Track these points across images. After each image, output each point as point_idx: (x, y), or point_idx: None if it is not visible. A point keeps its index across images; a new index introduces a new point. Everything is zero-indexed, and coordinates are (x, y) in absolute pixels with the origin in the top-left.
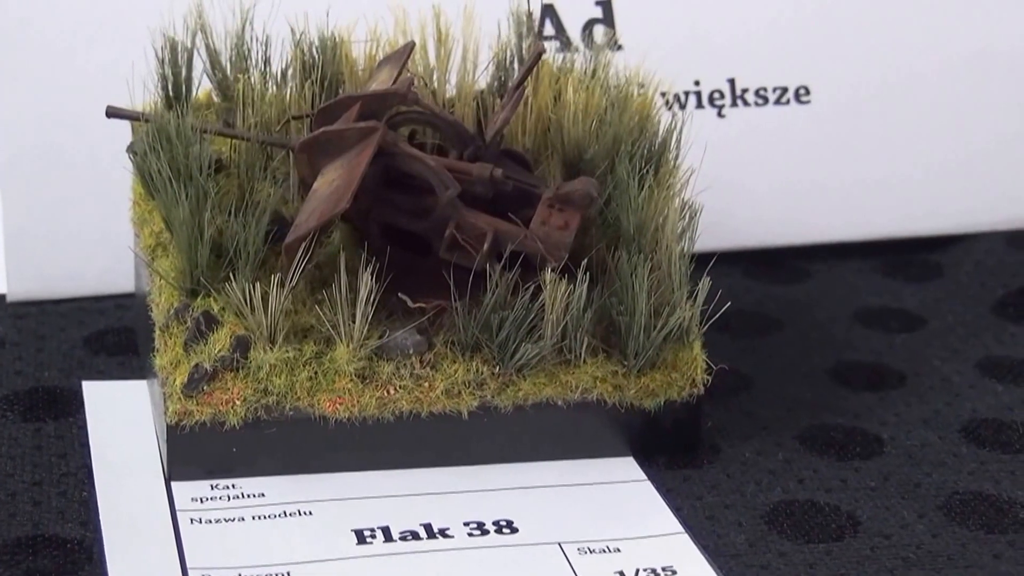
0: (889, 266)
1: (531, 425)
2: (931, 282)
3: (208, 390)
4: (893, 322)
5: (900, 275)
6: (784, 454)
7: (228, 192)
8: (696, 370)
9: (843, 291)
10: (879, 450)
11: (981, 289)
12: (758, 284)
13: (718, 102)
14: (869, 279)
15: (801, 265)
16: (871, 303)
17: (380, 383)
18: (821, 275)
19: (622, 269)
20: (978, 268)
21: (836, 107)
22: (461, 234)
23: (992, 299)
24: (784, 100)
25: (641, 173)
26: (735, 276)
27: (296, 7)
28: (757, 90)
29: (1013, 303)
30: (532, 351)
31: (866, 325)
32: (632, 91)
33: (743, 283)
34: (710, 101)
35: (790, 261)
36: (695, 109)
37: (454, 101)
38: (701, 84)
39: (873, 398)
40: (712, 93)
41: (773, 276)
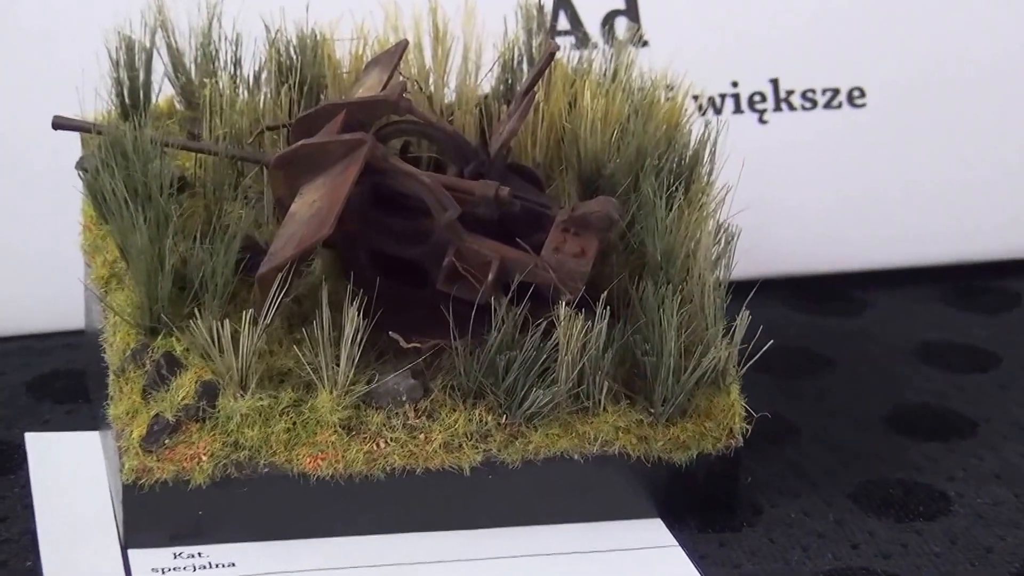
0: (957, 295)
1: (543, 483)
2: (1006, 313)
3: (170, 444)
4: (961, 360)
5: (969, 305)
6: (835, 514)
7: (193, 215)
8: (733, 418)
9: (903, 324)
10: (945, 509)
11: None
12: (805, 317)
13: (759, 106)
14: (933, 310)
15: (855, 294)
16: (936, 338)
17: (369, 435)
18: (878, 306)
19: (648, 302)
20: None
21: (896, 111)
22: (462, 263)
23: None
24: (835, 103)
25: (669, 191)
26: (779, 308)
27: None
28: (804, 92)
29: None
30: (544, 398)
31: (930, 363)
32: (659, 95)
33: (788, 316)
34: (750, 105)
35: (842, 290)
36: (733, 114)
37: (454, 108)
38: (740, 85)
39: (938, 449)
40: (752, 96)
41: (823, 307)
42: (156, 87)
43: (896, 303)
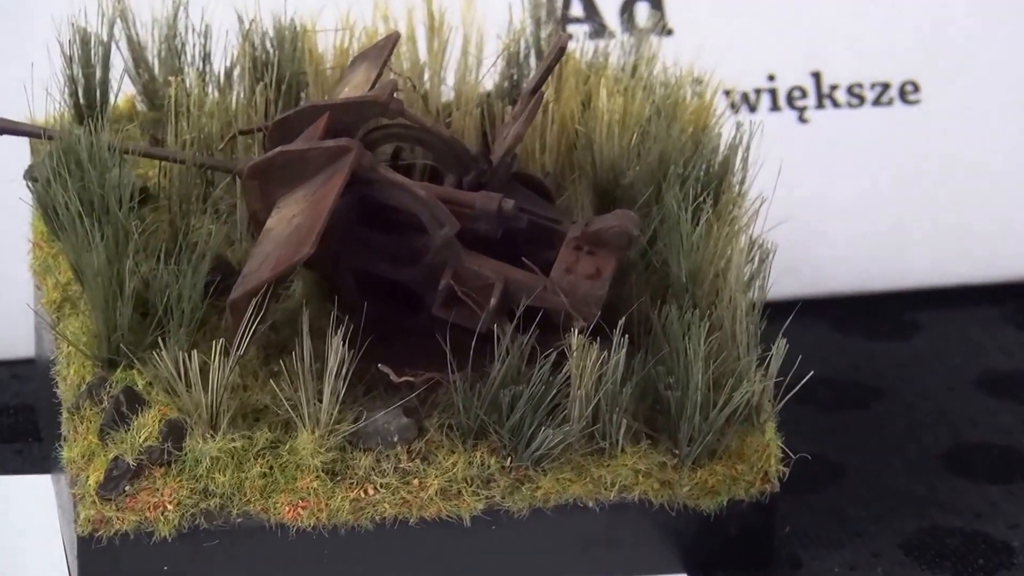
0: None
1: (554, 534)
2: None
3: (131, 491)
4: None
5: None
6: (884, 568)
7: (156, 231)
8: (769, 460)
9: (963, 349)
10: (1007, 562)
11: None
12: (852, 341)
13: (799, 103)
14: (998, 333)
15: (908, 316)
16: (1000, 366)
17: (356, 481)
18: (934, 328)
19: (672, 329)
20: None
21: (955, 107)
22: (460, 285)
23: None
24: (886, 100)
25: (696, 203)
26: (821, 331)
27: None
28: (850, 87)
29: None
30: (554, 438)
31: (993, 394)
32: (684, 93)
33: (832, 340)
34: (789, 102)
35: (894, 311)
36: (769, 113)
37: (451, 109)
38: (777, 79)
39: (1001, 492)
40: (791, 91)
41: (871, 330)
42: (115, 86)
43: (956, 325)
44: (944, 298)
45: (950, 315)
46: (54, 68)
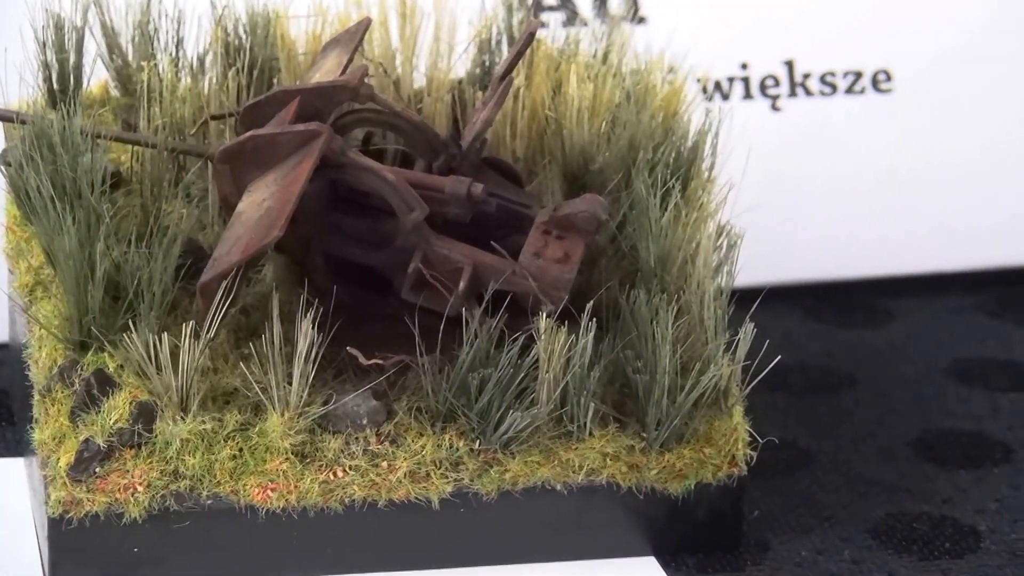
0: (997, 305)
1: (522, 517)
2: None
3: (101, 473)
4: (999, 378)
5: (1010, 317)
6: (852, 552)
7: (128, 215)
8: (736, 444)
9: (936, 337)
10: (975, 546)
11: None
12: (825, 328)
13: (772, 91)
14: (971, 322)
15: (882, 304)
16: (972, 353)
17: (325, 463)
18: (907, 317)
19: (640, 313)
20: None
21: (927, 96)
22: (429, 269)
23: None
24: (858, 88)
25: (665, 188)
26: (794, 318)
27: None
28: (823, 75)
29: None
30: (522, 421)
31: (964, 382)
32: (655, 80)
33: (805, 327)
34: (762, 90)
35: (867, 299)
36: (742, 101)
37: (423, 95)
38: (750, 68)
39: (969, 478)
40: (764, 79)
41: (844, 318)
42: (88, 71)
43: (929, 313)
44: (917, 286)
45: (923, 303)
46: (28, 53)
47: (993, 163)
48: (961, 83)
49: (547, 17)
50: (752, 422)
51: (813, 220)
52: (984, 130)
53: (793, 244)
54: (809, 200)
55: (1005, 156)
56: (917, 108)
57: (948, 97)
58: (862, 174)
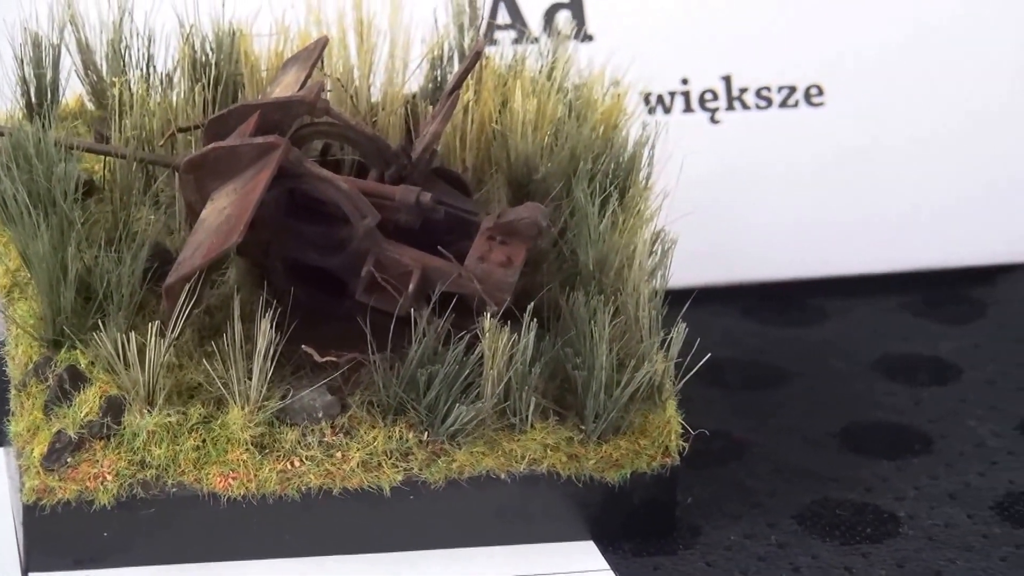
0: (923, 305)
1: (468, 504)
2: (972, 324)
3: (73, 463)
4: (922, 373)
5: (935, 316)
6: (778, 537)
7: (99, 221)
8: (670, 435)
9: (864, 335)
10: (894, 531)
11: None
12: (761, 327)
13: (711, 104)
14: (898, 320)
15: (815, 304)
16: (898, 350)
17: (283, 454)
18: (839, 316)
19: (579, 314)
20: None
21: (856, 110)
22: (381, 272)
23: None
24: (792, 102)
25: (604, 196)
26: (733, 317)
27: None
28: (759, 90)
29: None
30: (468, 414)
31: (890, 377)
32: (597, 94)
33: (742, 326)
34: (701, 103)
35: (801, 299)
36: (683, 114)
37: (379, 109)
38: (690, 83)
39: (891, 467)
40: (704, 93)
41: (780, 317)
42: (64, 86)
43: (859, 313)
44: (849, 287)
45: (854, 303)
46: (6, 69)
47: (917, 173)
48: (887, 97)
49: (499, 35)
50: (689, 415)
51: (751, 225)
52: (908, 142)
53: (733, 247)
54: (747, 207)
55: (928, 166)
56: (846, 121)
57: (875, 110)
58: (796, 182)
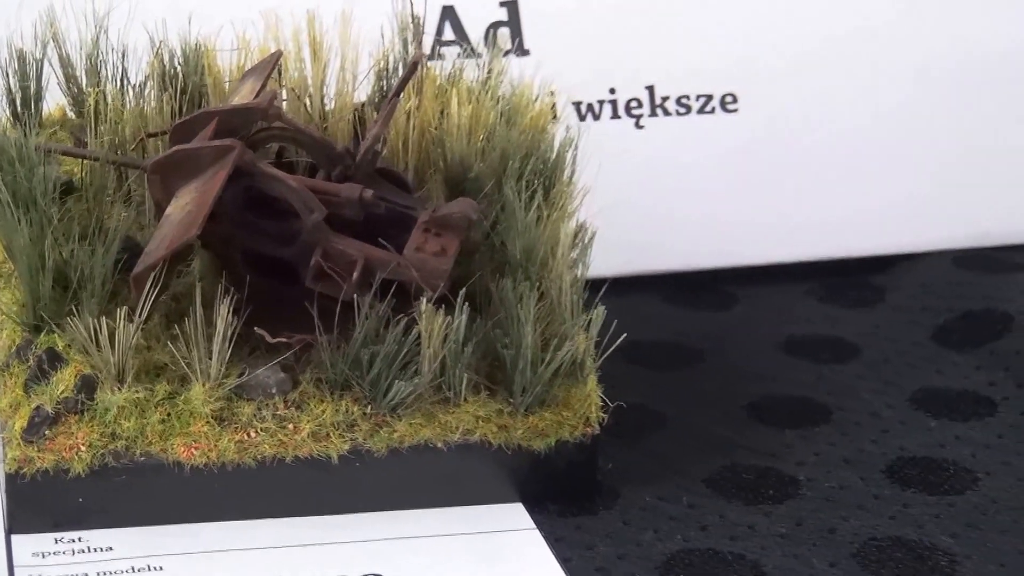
0: (826, 290)
1: (408, 470)
2: (870, 307)
3: (50, 435)
4: (824, 352)
5: (837, 300)
6: (689, 499)
7: (76, 217)
8: (590, 408)
9: (772, 318)
10: (794, 493)
11: (923, 314)
12: (680, 311)
13: (636, 111)
14: (803, 305)
15: (729, 290)
16: (802, 331)
17: (240, 425)
18: (750, 301)
19: (507, 298)
20: (922, 291)
21: (767, 116)
22: (328, 262)
23: (934, 325)
24: (709, 109)
25: (530, 193)
26: (654, 303)
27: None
28: (679, 98)
29: (956, 329)
30: (406, 389)
31: (794, 355)
32: (525, 102)
33: (663, 310)
34: (627, 111)
35: (717, 286)
36: (611, 120)
37: (330, 116)
38: (617, 92)
39: (793, 435)
40: (629, 102)
41: (697, 302)
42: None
43: (768, 298)
44: (758, 275)
45: (763, 290)
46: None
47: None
48: (793, 104)
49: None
50: (613, 390)
51: (672, 219)
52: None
53: (656, 240)
54: (668, 203)
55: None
56: (757, 126)
57: (782, 116)
58: (712, 181)
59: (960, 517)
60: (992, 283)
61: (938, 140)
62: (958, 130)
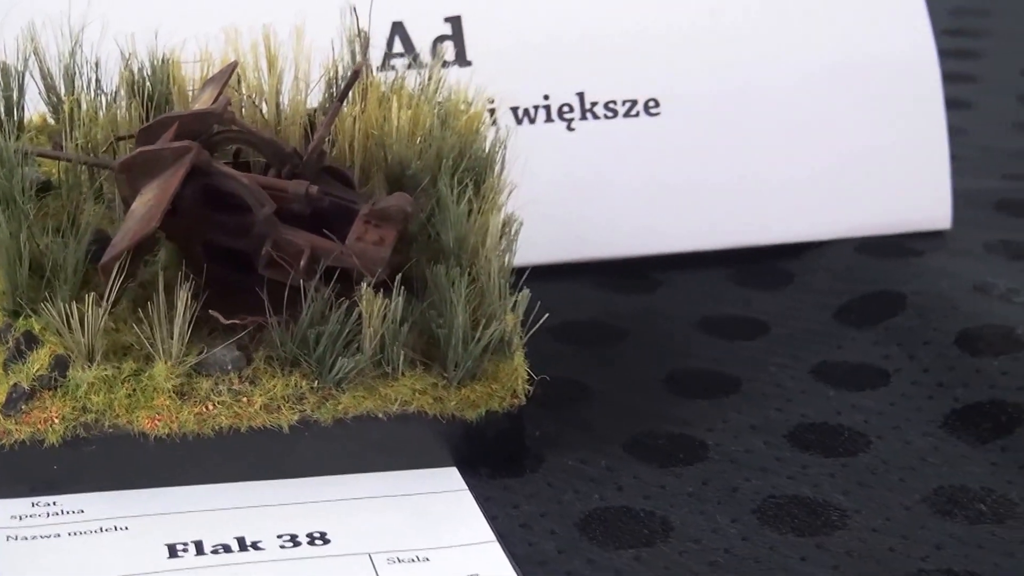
0: (741, 275)
1: (353, 438)
2: (779, 290)
3: (27, 409)
4: (735, 330)
5: (751, 283)
6: (608, 462)
7: (52, 213)
8: (517, 381)
9: (691, 300)
10: (703, 456)
11: (827, 296)
12: (608, 294)
13: (567, 115)
14: (719, 288)
15: (654, 275)
16: (716, 311)
17: (199, 399)
18: (671, 285)
19: (441, 282)
20: (827, 275)
21: (685, 119)
22: (278, 251)
23: (836, 305)
24: (634, 113)
25: (461, 188)
26: (586, 287)
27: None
28: (607, 103)
29: (855, 309)
30: (349, 365)
31: (709, 333)
32: (459, 107)
33: (593, 294)
34: (560, 115)
35: (642, 272)
36: (545, 123)
37: (283, 120)
38: (551, 98)
39: (704, 405)
40: (562, 107)
41: (623, 286)
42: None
43: (688, 282)
44: (684, 262)
45: (683, 275)
46: None
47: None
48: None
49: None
50: (544, 366)
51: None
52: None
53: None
54: (598, 198)
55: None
56: (677, 128)
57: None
58: (637, 178)
59: (852, 476)
60: (889, 268)
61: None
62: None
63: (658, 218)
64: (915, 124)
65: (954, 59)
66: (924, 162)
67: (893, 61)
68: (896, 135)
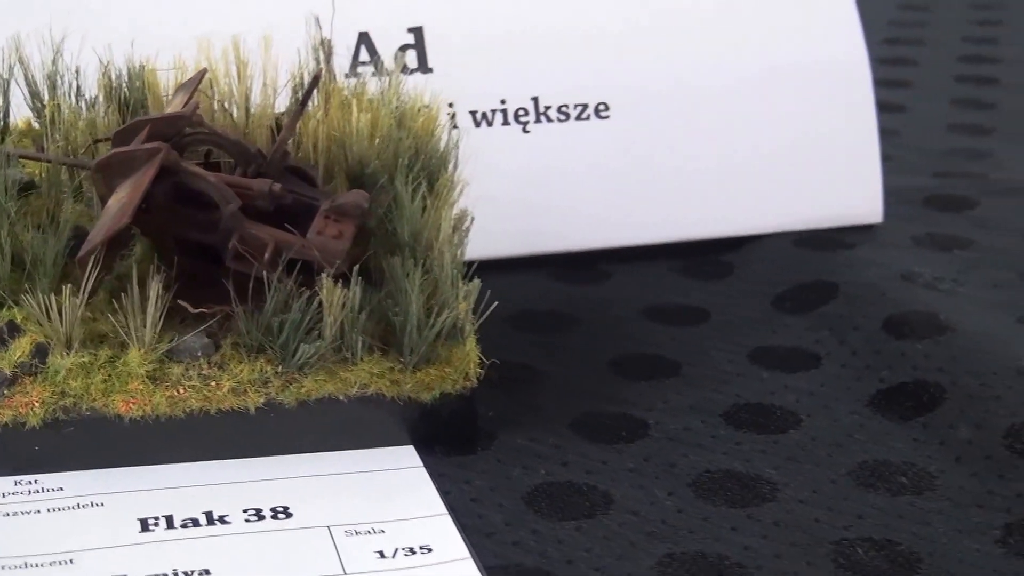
0: (686, 266)
1: (315, 419)
2: (721, 280)
3: (9, 394)
4: (678, 317)
5: (694, 275)
6: (555, 440)
7: (34, 211)
8: (469, 365)
9: (638, 290)
10: (644, 434)
11: (765, 285)
12: (561, 285)
13: (523, 119)
14: (665, 279)
15: (605, 267)
16: (661, 301)
17: (171, 383)
18: (620, 276)
19: (397, 273)
20: (765, 266)
21: (634, 121)
22: (243, 245)
23: (773, 294)
24: (585, 116)
25: (416, 185)
26: (541, 279)
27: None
28: (560, 107)
29: (791, 297)
30: (311, 350)
31: (655, 321)
32: (415, 110)
33: (548, 285)
34: (516, 118)
35: (594, 264)
36: (502, 126)
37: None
38: (507, 102)
39: (646, 387)
40: (517, 111)
41: (576, 278)
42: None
43: (636, 274)
44: (629, 254)
45: (634, 267)
46: None
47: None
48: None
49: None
50: (498, 351)
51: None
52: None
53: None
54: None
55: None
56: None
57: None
58: (589, 176)
59: (783, 452)
60: (824, 259)
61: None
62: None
63: (608, 214)
64: (849, 124)
65: (891, 66)
66: (857, 160)
67: (828, 65)
68: (831, 135)
